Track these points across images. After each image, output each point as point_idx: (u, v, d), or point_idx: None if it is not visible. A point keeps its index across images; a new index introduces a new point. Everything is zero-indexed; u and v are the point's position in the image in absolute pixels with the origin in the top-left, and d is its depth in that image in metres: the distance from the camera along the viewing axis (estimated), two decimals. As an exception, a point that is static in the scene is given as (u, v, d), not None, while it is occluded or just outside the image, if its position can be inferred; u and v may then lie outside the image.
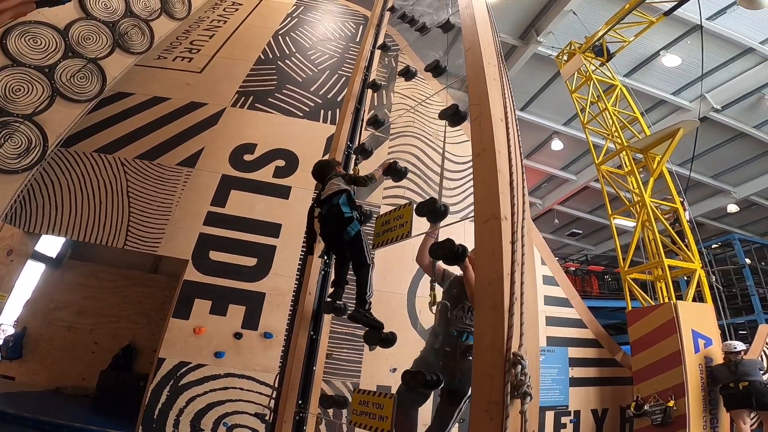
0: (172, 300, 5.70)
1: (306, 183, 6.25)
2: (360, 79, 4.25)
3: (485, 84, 2.48)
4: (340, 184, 2.78)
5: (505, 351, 1.49)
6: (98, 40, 5.36)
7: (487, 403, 1.44)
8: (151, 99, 6.53)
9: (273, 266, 5.72)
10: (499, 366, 1.47)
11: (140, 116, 6.36)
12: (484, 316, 1.66)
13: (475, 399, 1.51)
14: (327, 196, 2.74)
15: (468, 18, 3.02)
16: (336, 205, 2.65)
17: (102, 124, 6.19)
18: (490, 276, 1.76)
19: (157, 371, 5.08)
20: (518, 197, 2.15)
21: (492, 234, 1.90)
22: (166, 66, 7.00)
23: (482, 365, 1.54)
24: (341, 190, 2.74)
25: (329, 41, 8.03)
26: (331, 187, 2.76)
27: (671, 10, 7.71)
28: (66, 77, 5.12)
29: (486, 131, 2.27)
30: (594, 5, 9.36)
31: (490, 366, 1.50)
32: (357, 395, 2.45)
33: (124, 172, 6.07)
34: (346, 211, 2.63)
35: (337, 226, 2.63)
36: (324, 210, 2.72)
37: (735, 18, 8.94)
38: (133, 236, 5.81)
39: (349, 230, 2.62)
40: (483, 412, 1.44)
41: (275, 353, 5.27)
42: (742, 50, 9.89)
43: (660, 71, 11.08)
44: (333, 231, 2.67)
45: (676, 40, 9.78)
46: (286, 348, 3.02)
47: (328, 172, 2.96)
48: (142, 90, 6.59)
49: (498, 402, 1.41)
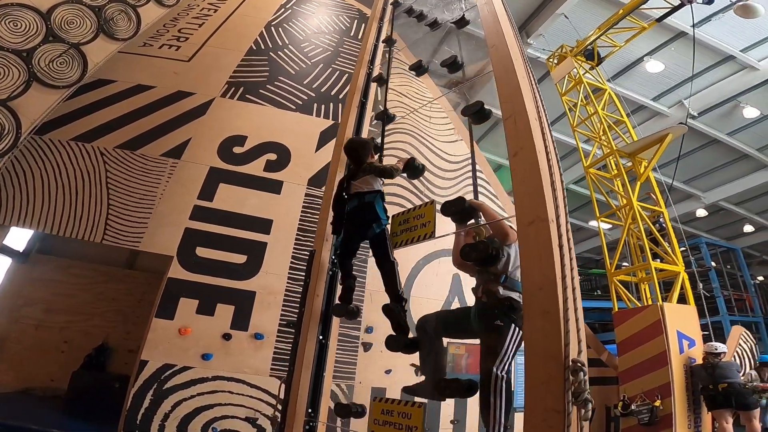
0: (155, 298, 5.39)
1: (299, 178, 6.06)
2: (364, 72, 4.11)
3: (516, 81, 2.38)
4: (374, 185, 2.66)
5: (563, 358, 1.44)
6: (82, 25, 5.01)
7: (544, 411, 1.40)
8: (134, 87, 6.18)
9: (264, 264, 5.49)
10: (557, 373, 1.43)
11: (122, 104, 6.01)
12: (534, 322, 1.59)
13: (528, 406, 1.46)
14: (360, 192, 2.64)
15: (489, 15, 2.93)
16: (369, 204, 2.58)
17: (80, 111, 5.82)
18: (539, 281, 1.68)
19: (140, 374, 4.78)
20: (560, 198, 2.07)
21: (539, 236, 1.82)
22: (152, 54, 6.64)
23: (536, 372, 1.50)
24: (376, 191, 2.65)
25: (323, 34, 7.82)
26: (366, 185, 2.65)
27: (664, 17, 7.87)
28: (45, 62, 4.77)
29: (522, 130, 2.17)
30: (585, 9, 9.50)
31: (546, 373, 1.45)
32: (378, 404, 2.31)
33: (104, 162, 5.71)
34: (381, 216, 2.58)
35: (365, 221, 2.57)
36: (354, 204, 2.65)
37: (718, 26, 9.20)
38: (113, 230, 5.47)
39: (375, 227, 2.54)
40: (540, 420, 1.41)
41: (266, 355, 5.06)
42: (722, 57, 10.21)
43: (642, 77, 11.36)
44: (359, 226, 2.61)
45: (661, 46, 10.03)
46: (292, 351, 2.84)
47: (362, 155, 2.84)
48: (125, 77, 6.23)
49: (558, 410, 1.37)
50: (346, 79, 7.21)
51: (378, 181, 2.69)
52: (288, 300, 5.37)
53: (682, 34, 9.58)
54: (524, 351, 1.63)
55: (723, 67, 10.63)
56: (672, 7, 7.66)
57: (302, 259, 5.61)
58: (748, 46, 10.02)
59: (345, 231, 2.74)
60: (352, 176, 2.75)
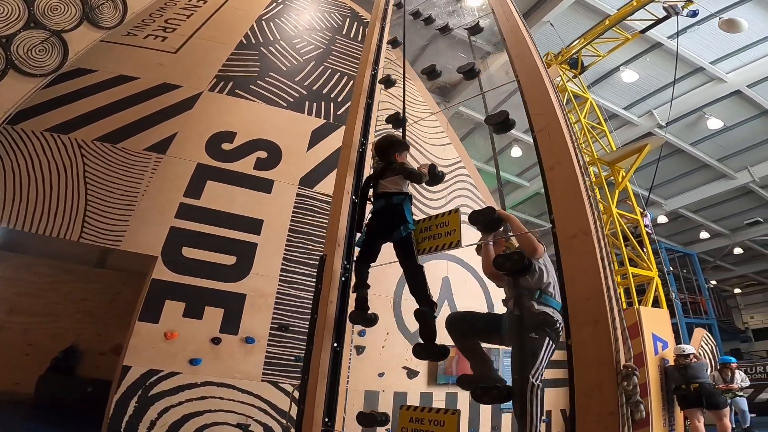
0: (137, 300, 5.14)
1: (290, 178, 5.92)
2: (369, 73, 4.04)
3: (547, 92, 2.40)
4: (402, 187, 2.62)
5: (615, 363, 1.54)
6: (66, 12, 4.69)
7: (598, 414, 1.49)
8: (116, 77, 5.86)
9: (254, 265, 5.33)
10: (610, 378, 1.51)
11: (103, 95, 5.69)
12: (584, 331, 1.67)
13: (580, 412, 1.54)
14: (387, 192, 2.59)
15: (510, 24, 2.94)
16: (397, 206, 2.54)
17: (57, 101, 5.47)
18: (586, 292, 1.74)
19: (122, 380, 4.53)
20: (596, 212, 2.11)
21: (583, 249, 1.87)
22: (137, 44, 6.31)
23: (587, 378, 1.58)
24: (404, 193, 2.61)
25: (315, 31, 7.66)
26: (394, 185, 2.61)
27: (647, 29, 8.17)
28: (24, 49, 4.45)
29: (558, 142, 2.18)
30: (570, 18, 9.72)
31: (598, 378, 1.54)
32: (406, 412, 2.28)
33: (81, 155, 5.38)
34: (409, 219, 2.53)
35: (392, 223, 2.53)
36: (381, 204, 2.60)
37: (692, 37, 9.54)
38: (91, 228, 5.16)
39: (402, 230, 2.50)
40: (594, 422, 1.48)
41: (258, 359, 4.91)
42: (693, 69, 10.66)
43: (617, 86, 11.73)
44: (385, 227, 2.57)
45: (637, 56, 10.41)
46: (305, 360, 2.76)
47: (391, 153, 2.78)
48: (106, 68, 5.89)
49: (613, 413, 1.46)
50: (338, 78, 7.11)
51: (406, 183, 2.64)
52: (279, 303, 5.24)
53: (658, 45, 9.95)
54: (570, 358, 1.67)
55: (692, 79, 11.10)
56: (657, 19, 7.97)
57: (293, 261, 5.50)
58: (717, 59, 10.51)
59: (368, 232, 2.69)
60: (380, 175, 2.68)
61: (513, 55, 2.69)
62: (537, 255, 2.36)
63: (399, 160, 2.77)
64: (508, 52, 2.79)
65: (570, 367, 1.68)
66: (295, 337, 5.11)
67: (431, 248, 2.59)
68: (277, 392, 4.83)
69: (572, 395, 1.60)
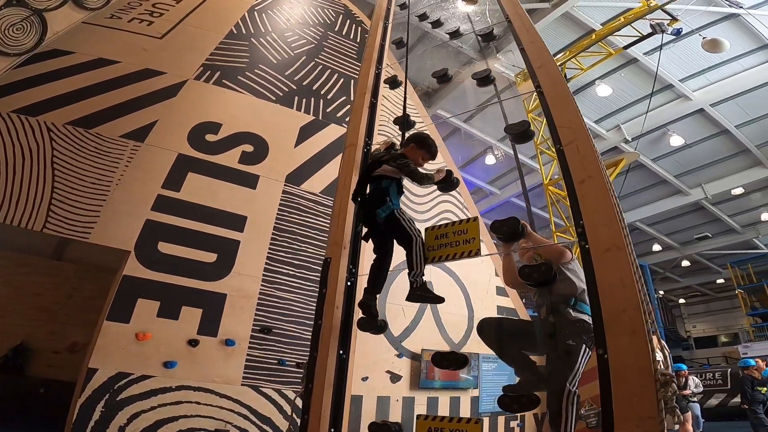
0: (107, 298, 4.80)
1: (276, 174, 5.73)
2: (373, 72, 3.98)
3: (574, 105, 2.42)
4: (394, 175, 2.58)
5: (653, 371, 1.61)
6: None
7: (639, 419, 1.55)
8: (95, 60, 5.48)
9: (236, 264, 5.10)
10: (650, 385, 1.58)
11: (78, 78, 5.30)
12: (621, 341, 1.72)
13: (619, 418, 1.60)
14: (378, 175, 2.56)
15: (531, 35, 2.95)
16: (384, 190, 2.50)
17: (27, 81, 5.06)
18: (622, 304, 1.80)
19: (87, 384, 4.20)
20: (625, 225, 2.14)
21: (618, 263, 1.89)
22: (120, 27, 5.94)
23: (627, 385, 1.63)
24: (393, 177, 2.57)
25: (308, 26, 7.46)
26: (387, 170, 2.57)
27: (631, 44, 8.50)
28: (2, 28, 4.07)
29: (588, 156, 2.20)
30: (554, 30, 9.99)
31: (639, 386, 1.59)
32: (423, 422, 2.22)
33: (50, 138, 4.98)
34: (394, 202, 2.49)
35: (373, 207, 2.50)
36: (370, 189, 2.58)
37: (666, 55, 9.97)
38: (57, 217, 4.78)
39: (380, 212, 2.46)
40: (634, 427, 1.54)
41: (238, 363, 4.69)
42: (663, 86, 11.19)
43: (590, 99, 12.17)
44: (369, 211, 2.55)
45: (612, 71, 10.84)
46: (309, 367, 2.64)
47: (408, 142, 2.79)
48: (85, 50, 5.50)
49: (653, 417, 1.53)
50: (329, 74, 6.95)
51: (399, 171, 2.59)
52: (262, 304, 5.04)
53: (634, 60, 10.40)
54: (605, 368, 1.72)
55: (661, 95, 11.64)
56: (641, 36, 8.31)
57: (278, 261, 5.32)
58: (687, 76, 11.08)
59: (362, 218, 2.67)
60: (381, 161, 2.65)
61: (536, 65, 2.70)
62: (564, 260, 2.39)
63: (411, 155, 2.70)
64: (528, 63, 2.80)
65: (603, 376, 1.72)
66: (279, 340, 4.94)
67: (449, 256, 2.53)
68: (258, 397, 4.63)
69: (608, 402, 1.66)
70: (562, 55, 9.63)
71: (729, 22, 9.62)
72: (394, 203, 2.54)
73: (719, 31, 9.54)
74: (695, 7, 8.97)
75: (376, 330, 2.70)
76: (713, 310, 27.32)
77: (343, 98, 6.85)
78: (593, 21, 10.02)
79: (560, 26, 10.25)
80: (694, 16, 9.32)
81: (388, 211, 2.50)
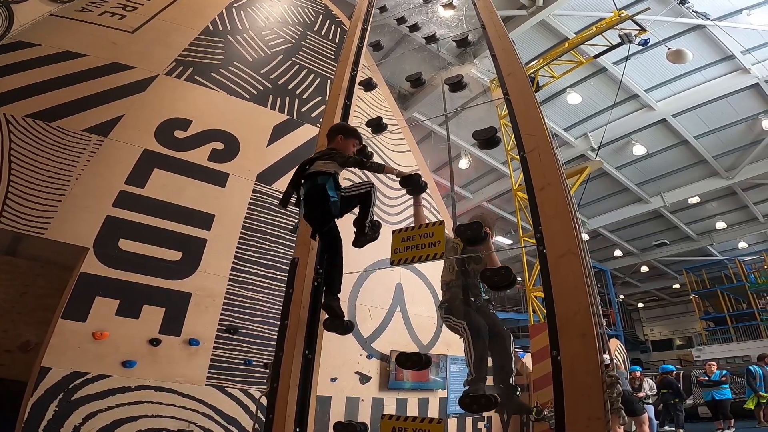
0: (61, 296, 4.62)
1: (247, 173, 5.66)
2: (348, 74, 3.99)
3: (538, 113, 2.50)
4: (328, 168, 2.58)
5: (600, 373, 1.67)
6: None
7: (587, 419, 1.61)
8: (61, 53, 5.30)
9: (202, 263, 5.00)
10: (597, 387, 1.64)
11: (41, 70, 5.11)
12: (572, 343, 1.79)
13: (570, 417, 1.66)
14: (312, 173, 2.56)
15: (504, 43, 3.05)
16: (321, 186, 2.49)
17: (-13, 73, 4.80)
18: (574, 307, 1.88)
19: (40, 383, 4.04)
20: (581, 233, 2.23)
21: (571, 268, 1.97)
22: (90, 20, 5.76)
23: (577, 387, 1.69)
24: (328, 172, 2.57)
25: (287, 24, 7.39)
26: (320, 167, 2.57)
27: (601, 54, 8.81)
28: None
29: (548, 164, 2.29)
30: (530, 38, 10.24)
31: (588, 387, 1.66)
32: (387, 422, 2.26)
33: (9, 131, 4.77)
34: (332, 195, 2.49)
35: (322, 207, 2.52)
36: (306, 188, 2.56)
37: (633, 65, 10.35)
38: (12, 212, 4.58)
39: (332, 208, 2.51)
40: (583, 427, 1.61)
41: (202, 362, 4.60)
42: (629, 95, 11.60)
43: (561, 107, 12.49)
44: (319, 212, 2.55)
45: (583, 80, 11.19)
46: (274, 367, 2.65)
47: (333, 137, 2.80)
48: (51, 42, 5.32)
49: (600, 417, 1.60)
50: (305, 74, 6.90)
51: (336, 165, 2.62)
52: (228, 303, 4.96)
53: (603, 70, 10.76)
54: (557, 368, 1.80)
55: (626, 105, 12.06)
56: (610, 46, 8.63)
57: (246, 260, 5.26)
58: (651, 87, 11.51)
59: (310, 220, 2.66)
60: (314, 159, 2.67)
61: (505, 72, 2.79)
62: None
63: (342, 144, 2.76)
64: (498, 70, 2.89)
65: (556, 377, 1.79)
66: (245, 340, 4.87)
67: (414, 258, 2.58)
68: (223, 397, 4.55)
69: (560, 402, 1.72)
70: (536, 63, 9.88)
71: (694, 34, 10.04)
72: (334, 196, 2.53)
73: (684, 43, 9.96)
74: (664, 18, 9.36)
75: (342, 330, 2.73)
76: (669, 314, 28.58)
77: (318, 98, 6.82)
78: (568, 30, 10.30)
79: (536, 34, 10.52)
80: (662, 27, 9.74)
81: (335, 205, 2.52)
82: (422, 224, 2.64)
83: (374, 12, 4.75)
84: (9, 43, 5.03)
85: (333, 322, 2.70)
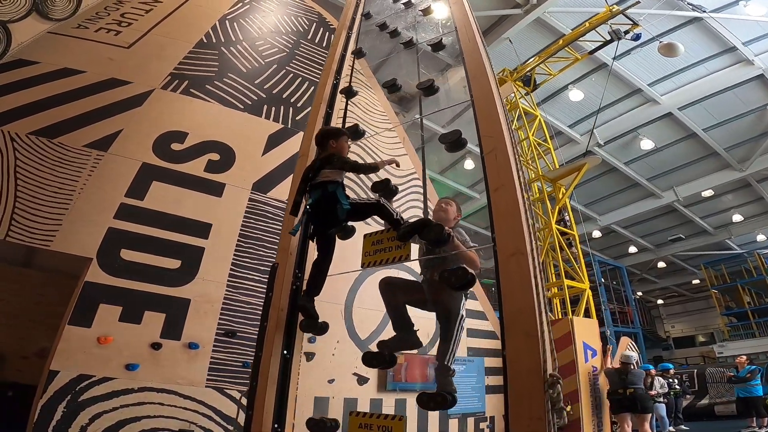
0: (67, 304, 4.84)
1: (243, 182, 5.82)
2: (331, 82, 4.10)
3: (498, 116, 2.56)
4: (336, 177, 2.69)
5: (542, 372, 1.68)
6: (16, 1, 4.38)
7: (529, 419, 1.62)
8: (60, 70, 5.51)
9: (200, 270, 5.17)
10: (539, 386, 1.65)
11: (42, 87, 5.33)
12: (517, 342, 1.83)
13: (513, 416, 1.68)
14: (321, 182, 2.66)
15: (471, 45, 3.11)
16: (332, 194, 2.62)
17: (-10, 93, 5.07)
18: (520, 306, 1.91)
19: (48, 385, 4.26)
20: (533, 233, 2.29)
21: (519, 268, 2.02)
22: (87, 37, 5.96)
23: (519, 386, 1.71)
24: (337, 181, 2.69)
25: (280, 34, 7.56)
26: (328, 175, 2.67)
27: (595, 50, 8.77)
28: None
29: (504, 166, 2.35)
30: (528, 36, 10.24)
31: (529, 386, 1.67)
32: (355, 418, 2.36)
33: (13, 148, 5.01)
34: (344, 203, 2.61)
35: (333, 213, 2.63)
36: (316, 196, 2.66)
37: (634, 59, 10.31)
38: (20, 226, 4.81)
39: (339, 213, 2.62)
40: (524, 427, 1.62)
41: (202, 365, 4.77)
42: (632, 90, 11.45)
43: (564, 104, 12.41)
44: (330, 217, 2.67)
45: (584, 76, 11.11)
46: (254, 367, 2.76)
47: (325, 142, 2.89)
48: (50, 59, 5.54)
49: (540, 418, 1.60)
50: (299, 82, 7.07)
51: (341, 174, 2.74)
52: (227, 308, 5.12)
53: (604, 65, 10.68)
54: (505, 366, 1.83)
55: (631, 100, 11.93)
56: (604, 41, 8.57)
57: (243, 267, 5.41)
58: (655, 81, 11.35)
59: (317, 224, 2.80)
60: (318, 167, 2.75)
61: (471, 75, 2.86)
62: (476, 269, 2.57)
63: (334, 146, 2.85)
64: (466, 72, 2.96)
65: (504, 375, 1.83)
66: (243, 343, 5.02)
67: (383, 261, 2.68)
68: (222, 398, 4.71)
69: (507, 401, 1.75)
70: (532, 60, 9.87)
71: (693, 26, 9.90)
72: (345, 203, 2.64)
73: (684, 36, 9.83)
74: (657, 11, 9.27)
75: (317, 331, 2.83)
76: (690, 310, 27.94)
77: (312, 106, 6.95)
78: (564, 26, 10.26)
79: (533, 32, 10.50)
80: (660, 21, 9.63)
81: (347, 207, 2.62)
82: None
83: (360, 19, 4.86)
84: (10, 61, 5.26)
85: (308, 323, 2.81)
